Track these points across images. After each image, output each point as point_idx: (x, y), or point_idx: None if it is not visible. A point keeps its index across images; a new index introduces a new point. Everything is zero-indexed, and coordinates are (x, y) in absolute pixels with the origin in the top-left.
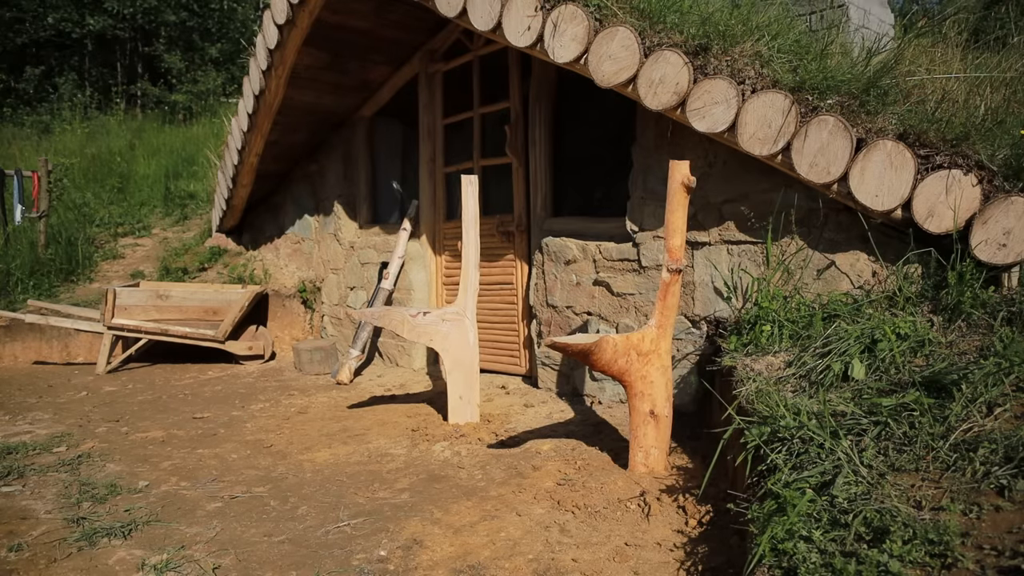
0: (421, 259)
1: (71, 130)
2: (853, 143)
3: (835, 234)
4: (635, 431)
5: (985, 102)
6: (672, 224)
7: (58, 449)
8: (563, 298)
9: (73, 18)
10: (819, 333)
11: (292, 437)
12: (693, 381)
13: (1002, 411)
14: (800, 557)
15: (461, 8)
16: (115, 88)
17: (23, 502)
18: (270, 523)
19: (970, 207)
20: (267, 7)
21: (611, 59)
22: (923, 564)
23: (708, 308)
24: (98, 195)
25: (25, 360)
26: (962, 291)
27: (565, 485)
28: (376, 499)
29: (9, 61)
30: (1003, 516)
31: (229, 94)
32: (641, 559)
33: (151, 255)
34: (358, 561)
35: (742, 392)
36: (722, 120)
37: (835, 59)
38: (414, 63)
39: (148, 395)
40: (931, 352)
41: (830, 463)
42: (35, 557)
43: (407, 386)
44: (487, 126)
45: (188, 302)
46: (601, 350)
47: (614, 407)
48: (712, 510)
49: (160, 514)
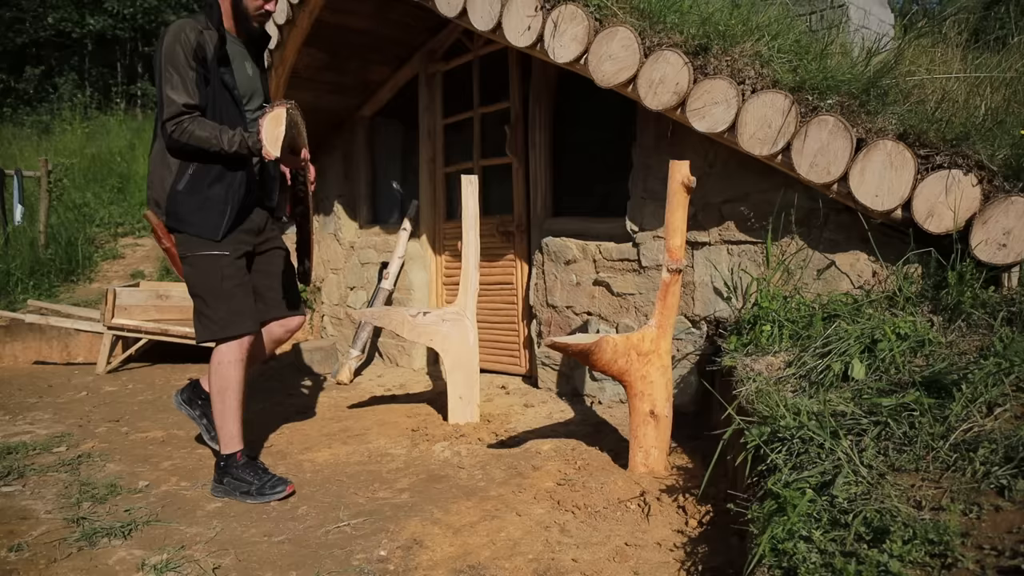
0: (421, 259)
1: (71, 130)
2: (853, 143)
3: (835, 234)
4: (635, 431)
5: (985, 102)
6: (672, 224)
7: (58, 449)
8: (563, 298)
9: (73, 18)
10: (819, 333)
11: (292, 437)
12: (693, 381)
13: (1002, 411)
14: (800, 557)
15: (461, 8)
16: (115, 88)
17: (23, 502)
18: (270, 523)
19: (970, 207)
20: None
21: (611, 59)
22: (923, 564)
23: (708, 308)
24: (98, 195)
25: (25, 360)
26: (962, 291)
27: (565, 485)
28: (376, 499)
29: (9, 61)
30: (1003, 516)
31: None
32: (641, 559)
33: (151, 255)
34: (358, 561)
35: (742, 392)
36: (722, 120)
37: (835, 59)
38: (414, 63)
39: (148, 395)
40: (931, 352)
41: (830, 463)
42: (35, 557)
43: (407, 386)
44: (487, 126)
45: (188, 302)
46: (601, 350)
47: (614, 407)
48: (712, 510)
49: (160, 514)
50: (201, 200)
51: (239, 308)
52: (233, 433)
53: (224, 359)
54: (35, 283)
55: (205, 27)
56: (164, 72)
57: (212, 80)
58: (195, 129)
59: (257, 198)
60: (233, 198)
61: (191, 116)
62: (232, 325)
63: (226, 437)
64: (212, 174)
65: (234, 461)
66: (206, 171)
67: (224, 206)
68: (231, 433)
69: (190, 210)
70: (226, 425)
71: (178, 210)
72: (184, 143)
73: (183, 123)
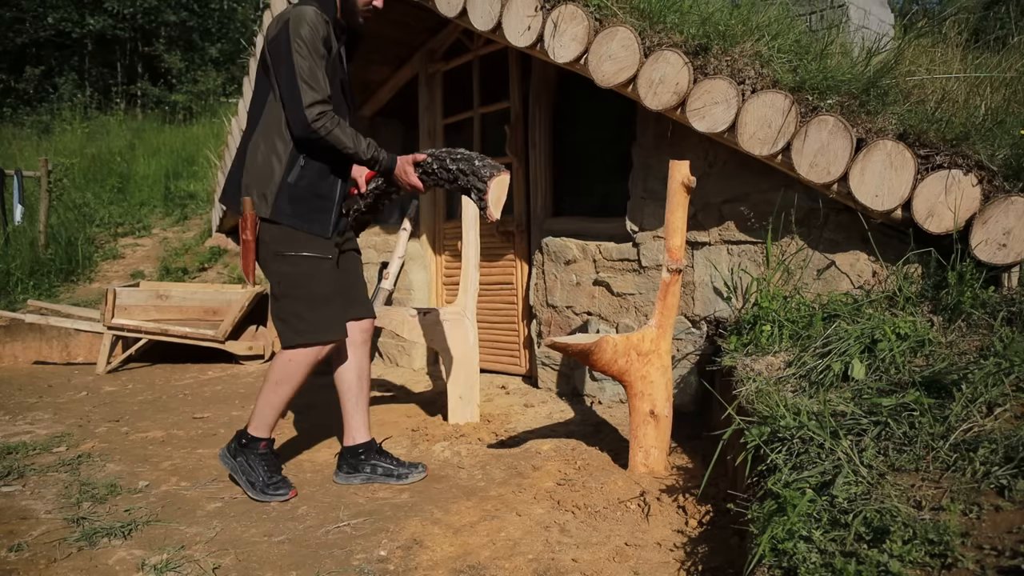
0: (421, 259)
1: (71, 130)
2: (853, 143)
3: (835, 234)
4: (635, 431)
5: (985, 102)
6: (672, 224)
7: (58, 449)
8: (563, 298)
9: (73, 18)
10: (819, 333)
11: (292, 437)
12: (693, 381)
13: (1002, 411)
14: (800, 557)
15: (461, 8)
16: (115, 88)
17: (23, 502)
18: (270, 523)
19: (970, 207)
20: (267, 7)
21: (611, 59)
22: (923, 564)
23: (708, 308)
24: (98, 195)
25: (25, 360)
26: (962, 291)
27: (565, 485)
28: (376, 499)
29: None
30: (1003, 516)
31: (229, 94)
32: (641, 559)
33: (151, 255)
34: (358, 561)
35: (742, 392)
36: (722, 120)
37: (835, 59)
38: (414, 63)
39: (148, 395)
40: (931, 352)
41: (830, 463)
42: (35, 557)
43: (407, 386)
44: (487, 126)
45: (188, 302)
46: (601, 350)
47: (614, 407)
48: (712, 510)
49: (160, 514)
50: (311, 195)
51: (334, 314)
52: (270, 422)
53: (297, 357)
54: (35, 283)
55: (324, 18)
56: (298, 59)
57: (331, 74)
58: (338, 132)
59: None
60: (338, 196)
61: (331, 114)
62: (325, 331)
63: (261, 422)
64: (323, 171)
65: (257, 446)
66: (317, 167)
67: (331, 203)
68: (268, 422)
69: (302, 206)
70: (267, 412)
71: (288, 204)
72: (319, 139)
73: (325, 120)
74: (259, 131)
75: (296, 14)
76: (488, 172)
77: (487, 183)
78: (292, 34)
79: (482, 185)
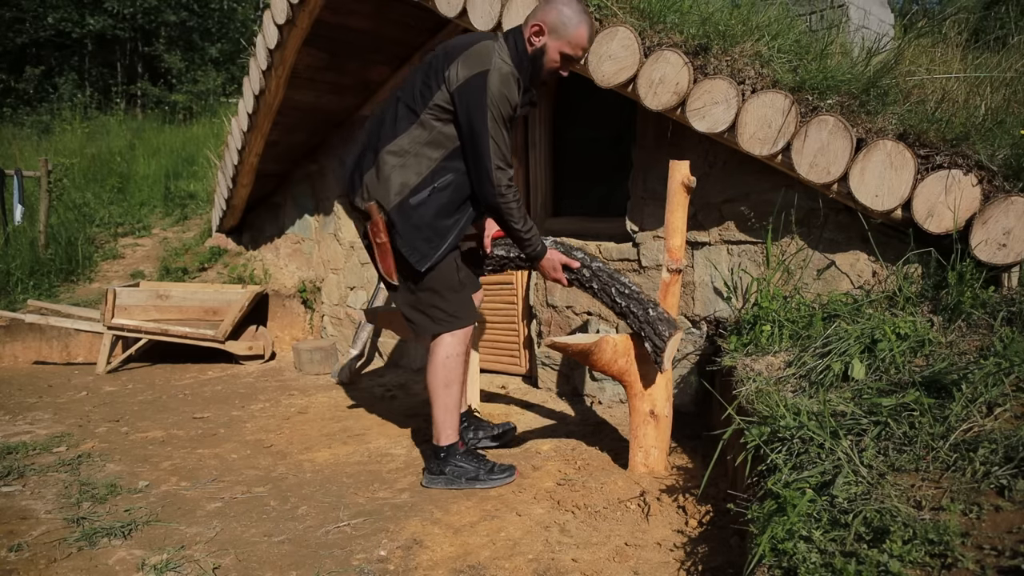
0: None
1: (71, 130)
2: (853, 143)
3: (835, 234)
4: (635, 431)
5: (985, 102)
6: (672, 224)
7: (58, 449)
8: (563, 298)
9: (73, 18)
10: (819, 333)
11: (292, 437)
12: (693, 381)
13: (1002, 411)
14: (800, 557)
15: (461, 8)
16: (115, 88)
17: (23, 502)
18: (270, 523)
19: (970, 207)
20: (267, 7)
21: (611, 59)
22: (923, 564)
23: (708, 308)
24: (98, 195)
25: (25, 360)
26: (962, 291)
27: (565, 485)
28: (376, 499)
29: (9, 61)
30: (1003, 516)
31: (229, 94)
32: (641, 559)
33: (151, 255)
34: (358, 561)
35: (742, 392)
36: (722, 120)
37: (835, 59)
38: (414, 63)
39: (148, 395)
40: (931, 352)
41: (830, 463)
42: (35, 557)
43: (407, 386)
44: None
45: (188, 302)
46: (601, 350)
47: (614, 407)
48: (712, 510)
49: (160, 514)
50: (427, 225)
51: (468, 299)
52: (455, 425)
53: (451, 352)
54: (35, 283)
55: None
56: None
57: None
58: (515, 206)
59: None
60: (452, 239)
61: (515, 187)
62: (463, 316)
63: (450, 428)
64: (448, 208)
65: (456, 450)
66: (447, 201)
67: (443, 242)
68: (454, 425)
69: (415, 233)
70: (450, 417)
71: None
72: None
73: (511, 193)
74: (404, 137)
75: (498, 71)
76: (666, 331)
77: (666, 342)
78: (492, 93)
79: (660, 343)
